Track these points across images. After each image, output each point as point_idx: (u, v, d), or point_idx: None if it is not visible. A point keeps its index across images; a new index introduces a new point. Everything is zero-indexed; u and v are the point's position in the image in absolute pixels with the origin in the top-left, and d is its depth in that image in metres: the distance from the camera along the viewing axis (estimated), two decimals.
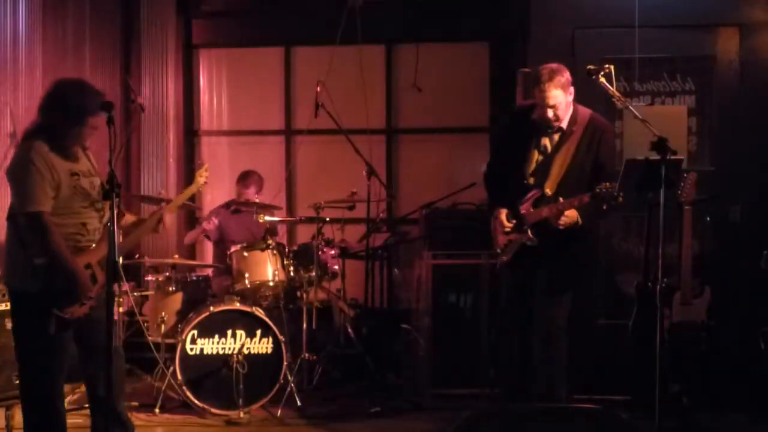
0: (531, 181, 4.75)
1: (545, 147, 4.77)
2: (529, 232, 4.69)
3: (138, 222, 4.43)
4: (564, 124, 4.71)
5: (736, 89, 6.00)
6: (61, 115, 3.93)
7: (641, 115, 4.63)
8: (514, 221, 4.74)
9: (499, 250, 4.87)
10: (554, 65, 4.67)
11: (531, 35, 6.22)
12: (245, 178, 6.72)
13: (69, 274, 3.87)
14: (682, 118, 6.01)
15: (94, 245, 4.02)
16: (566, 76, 4.64)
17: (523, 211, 4.71)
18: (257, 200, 6.48)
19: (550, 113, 4.65)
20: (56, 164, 3.92)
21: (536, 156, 4.77)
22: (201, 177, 5.00)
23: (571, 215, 4.59)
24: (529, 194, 4.72)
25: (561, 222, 4.58)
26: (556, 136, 4.74)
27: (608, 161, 4.71)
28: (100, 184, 4.02)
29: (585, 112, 4.76)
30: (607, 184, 4.44)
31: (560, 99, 4.62)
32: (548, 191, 4.68)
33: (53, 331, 3.85)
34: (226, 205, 6.76)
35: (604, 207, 4.48)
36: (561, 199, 4.61)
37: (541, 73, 4.64)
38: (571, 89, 4.68)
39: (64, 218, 3.94)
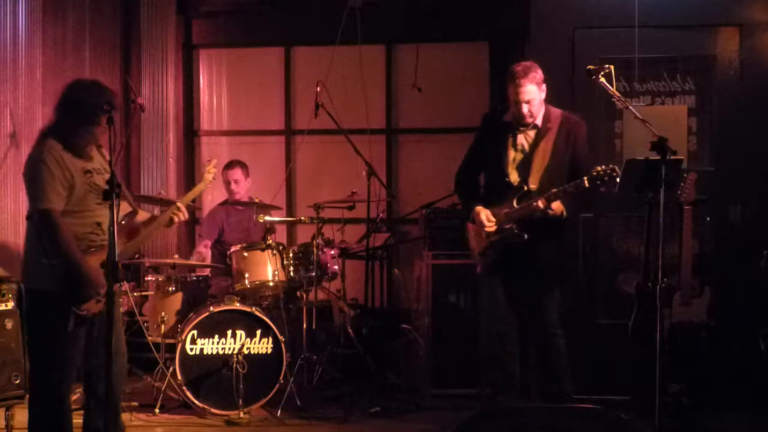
0: (512, 177, 4.78)
1: (522, 145, 4.80)
2: (514, 227, 4.69)
3: (150, 219, 4.43)
4: (539, 122, 4.78)
5: (736, 89, 5.98)
6: (75, 116, 3.99)
7: (641, 115, 4.63)
8: (495, 219, 4.75)
9: (479, 254, 4.86)
10: (527, 63, 4.78)
11: (531, 35, 6.22)
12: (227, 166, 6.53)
13: (78, 271, 3.91)
14: (682, 118, 6.00)
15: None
16: (539, 73, 4.73)
17: (507, 209, 4.72)
18: (257, 199, 6.44)
19: (525, 109, 4.71)
20: (69, 163, 3.97)
21: (513, 154, 4.81)
22: (209, 174, 4.94)
23: (557, 206, 4.62)
24: (512, 192, 4.73)
25: (553, 207, 4.59)
26: (532, 133, 4.80)
27: (584, 156, 4.78)
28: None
29: (556, 110, 4.84)
30: (603, 166, 4.50)
31: (534, 95, 4.70)
32: (532, 186, 4.70)
33: (71, 328, 3.89)
34: (224, 203, 6.68)
35: (602, 189, 4.52)
36: (554, 190, 4.62)
37: (515, 70, 4.72)
38: (544, 87, 4.76)
39: (79, 218, 4.00)
